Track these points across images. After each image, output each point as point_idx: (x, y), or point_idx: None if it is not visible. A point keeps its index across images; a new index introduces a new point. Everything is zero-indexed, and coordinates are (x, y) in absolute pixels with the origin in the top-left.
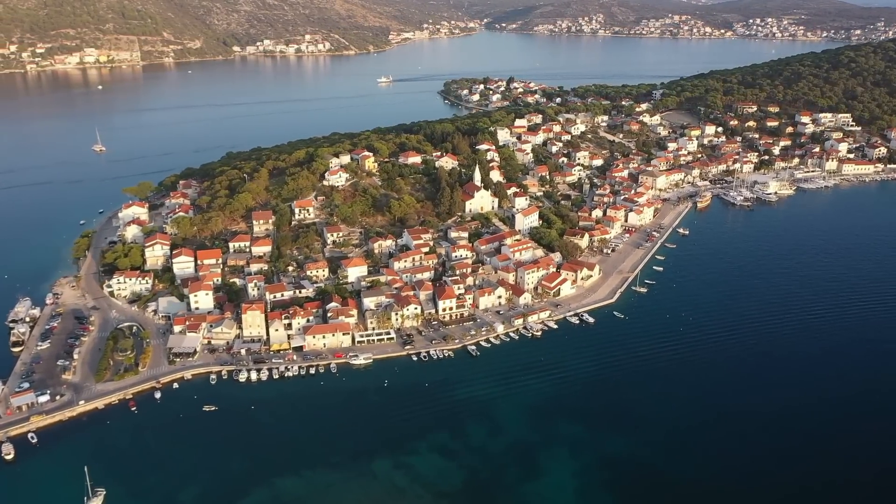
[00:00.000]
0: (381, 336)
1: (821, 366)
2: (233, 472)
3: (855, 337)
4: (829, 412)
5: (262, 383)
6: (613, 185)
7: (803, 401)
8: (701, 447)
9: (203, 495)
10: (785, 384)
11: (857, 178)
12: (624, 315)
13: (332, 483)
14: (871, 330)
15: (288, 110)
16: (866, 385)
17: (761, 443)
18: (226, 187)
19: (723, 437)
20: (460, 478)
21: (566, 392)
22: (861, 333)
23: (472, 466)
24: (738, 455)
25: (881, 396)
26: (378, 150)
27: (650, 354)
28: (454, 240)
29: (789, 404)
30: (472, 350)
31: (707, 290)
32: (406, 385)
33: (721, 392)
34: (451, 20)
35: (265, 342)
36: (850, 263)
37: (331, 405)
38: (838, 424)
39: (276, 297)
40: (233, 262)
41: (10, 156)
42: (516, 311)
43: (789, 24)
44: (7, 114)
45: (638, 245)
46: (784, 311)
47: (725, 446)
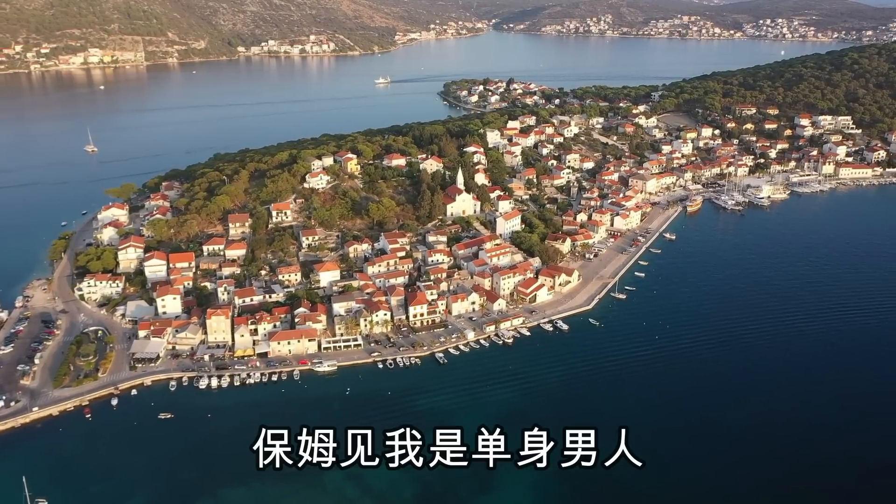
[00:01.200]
0: (348, 342)
1: (793, 373)
2: (181, 482)
3: (835, 345)
4: (802, 419)
5: (223, 390)
6: (602, 189)
7: (773, 408)
8: (667, 456)
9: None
10: (756, 392)
11: (854, 182)
12: (599, 322)
13: (280, 495)
14: (847, 339)
15: (284, 111)
16: (841, 397)
17: (729, 451)
18: (205, 189)
19: (690, 446)
20: (412, 491)
21: (531, 401)
22: (840, 342)
23: (426, 479)
24: (707, 464)
25: (859, 405)
26: (362, 153)
27: (622, 363)
28: (432, 244)
29: (759, 412)
30: (440, 357)
31: (688, 297)
32: (368, 393)
33: (690, 400)
34: (459, 21)
35: (230, 348)
36: (835, 271)
37: (289, 414)
38: (812, 432)
39: (245, 301)
40: (205, 265)
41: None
42: (489, 318)
43: (800, 25)
44: (4, 114)
45: (622, 250)
46: (763, 318)
47: (693, 455)
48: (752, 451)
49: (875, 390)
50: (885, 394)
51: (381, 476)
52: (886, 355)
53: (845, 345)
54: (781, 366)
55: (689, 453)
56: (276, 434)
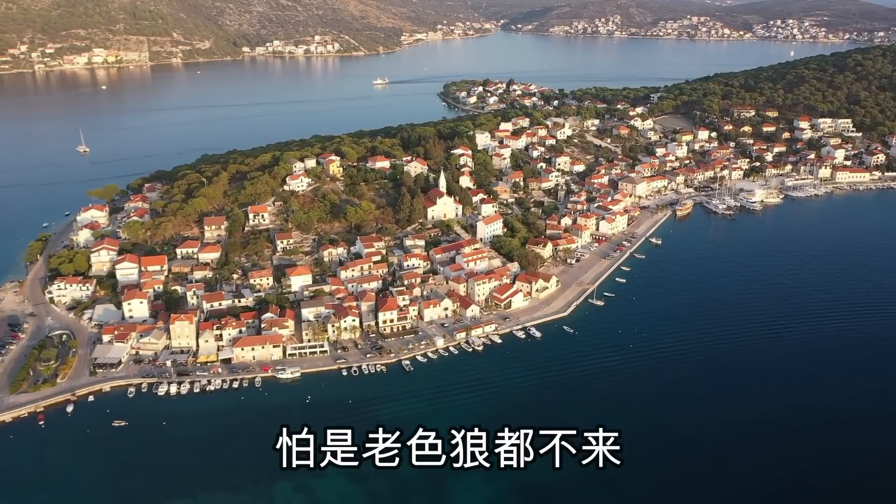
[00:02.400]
0: (314, 349)
1: (764, 381)
2: (126, 492)
3: (813, 353)
4: (771, 428)
5: (182, 397)
6: (591, 192)
7: (742, 416)
8: (626, 469)
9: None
10: (723, 400)
11: (851, 187)
12: (573, 329)
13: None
14: (824, 345)
15: (280, 112)
16: (813, 410)
17: (693, 462)
18: (183, 191)
19: (653, 458)
20: (356, 496)
21: (493, 411)
22: (819, 350)
23: (377, 492)
24: (670, 477)
25: (831, 416)
26: (345, 155)
27: (592, 371)
28: (409, 248)
29: (727, 420)
30: (406, 365)
31: (667, 305)
32: (329, 401)
33: (657, 410)
34: (467, 21)
35: (194, 354)
36: (817, 278)
37: (246, 422)
38: (779, 440)
39: (214, 306)
40: (177, 269)
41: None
42: (461, 325)
43: (810, 26)
44: (2, 114)
45: (606, 255)
46: (740, 325)
47: (655, 464)
48: (717, 459)
49: (848, 398)
50: (856, 400)
51: (332, 488)
52: (862, 363)
53: (821, 352)
54: (753, 372)
55: (652, 464)
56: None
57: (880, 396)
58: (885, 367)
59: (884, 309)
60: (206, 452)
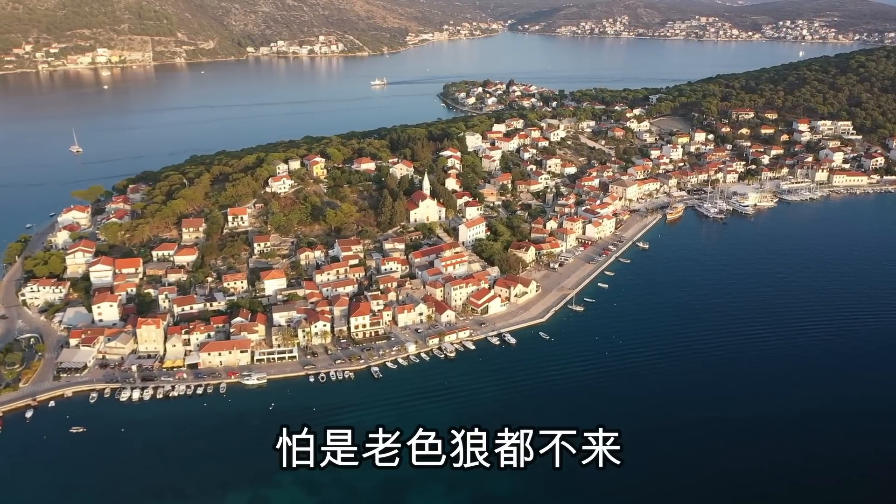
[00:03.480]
0: (282, 354)
1: (739, 387)
2: (77, 502)
3: (791, 359)
4: (740, 437)
5: (144, 403)
6: (580, 195)
7: (714, 428)
8: (585, 483)
9: None
10: (690, 410)
11: (848, 191)
12: (550, 336)
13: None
14: (808, 356)
15: (276, 113)
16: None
17: (660, 474)
18: (165, 193)
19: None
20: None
21: (459, 421)
22: (795, 357)
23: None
24: (632, 491)
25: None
26: (331, 156)
27: (564, 379)
28: (387, 252)
29: (693, 430)
30: (376, 372)
31: (648, 311)
32: (293, 408)
33: (625, 422)
34: (474, 21)
35: (161, 358)
36: (805, 285)
37: (206, 429)
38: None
39: (185, 309)
40: (152, 271)
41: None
42: (436, 330)
43: (820, 27)
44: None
45: (590, 259)
46: (719, 332)
47: (617, 477)
48: (685, 468)
49: (821, 404)
50: (830, 407)
51: (288, 498)
52: (838, 369)
53: (798, 359)
54: (726, 381)
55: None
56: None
57: (857, 401)
58: (861, 373)
59: (863, 319)
60: (161, 461)
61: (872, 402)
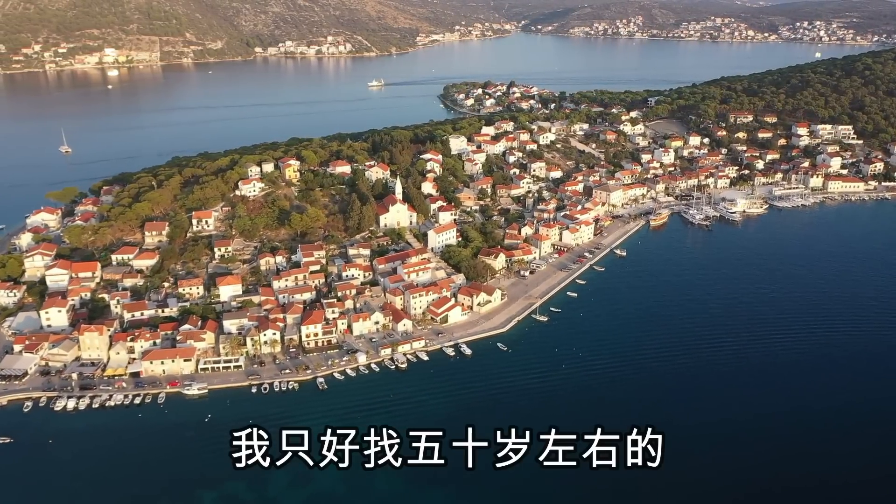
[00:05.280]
0: (228, 363)
1: (697, 404)
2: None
3: (755, 371)
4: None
5: (79, 413)
6: (562, 200)
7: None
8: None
9: None
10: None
11: (843, 197)
12: (507, 347)
13: None
14: (776, 374)
15: (273, 114)
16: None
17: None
18: (132, 195)
19: (552, 485)
20: None
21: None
22: (758, 370)
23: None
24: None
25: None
26: (305, 158)
27: (513, 393)
28: (351, 257)
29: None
30: (321, 383)
31: (614, 322)
32: (228, 421)
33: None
34: (486, 22)
35: (104, 366)
36: (781, 296)
37: (137, 441)
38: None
39: (135, 315)
40: (109, 276)
41: None
42: (390, 340)
43: (838, 28)
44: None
45: (564, 267)
46: (684, 344)
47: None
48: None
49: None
50: (779, 420)
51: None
52: (794, 385)
53: (762, 373)
54: (684, 395)
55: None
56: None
57: (819, 412)
58: (827, 384)
59: (828, 335)
60: (87, 474)
61: (838, 414)
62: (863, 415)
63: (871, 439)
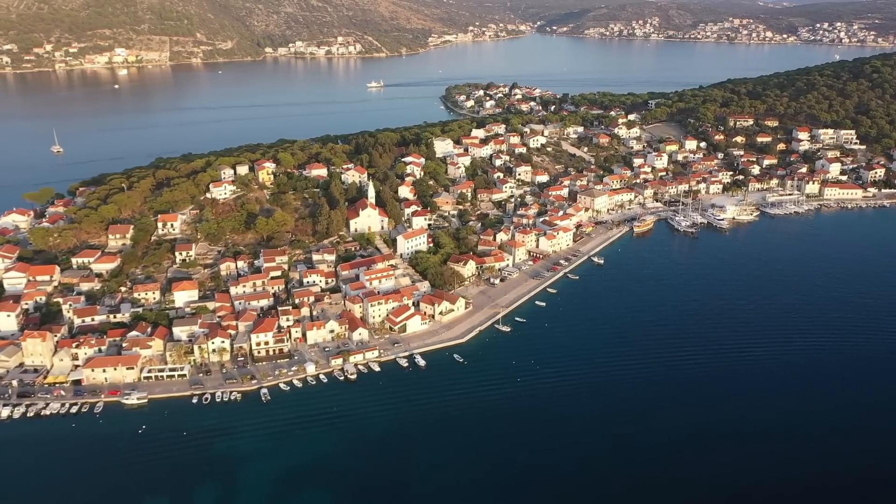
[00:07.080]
0: (173, 372)
1: (649, 419)
2: None
3: (716, 380)
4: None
5: (13, 422)
6: (545, 205)
7: (602, 464)
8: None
9: None
10: (599, 448)
11: (839, 204)
12: (464, 359)
13: None
14: (745, 385)
15: (269, 115)
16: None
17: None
18: (101, 198)
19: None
20: None
21: (341, 451)
22: (720, 379)
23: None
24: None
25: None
26: (282, 161)
27: (462, 407)
28: (315, 263)
29: (583, 468)
30: (265, 394)
31: (577, 334)
32: (163, 432)
33: (510, 456)
34: (501, 23)
35: (46, 373)
36: (756, 310)
37: (67, 453)
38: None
39: (85, 321)
40: (67, 279)
41: None
42: (343, 349)
43: (859, 29)
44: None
45: (537, 275)
46: (644, 359)
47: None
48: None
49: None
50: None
51: None
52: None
53: (725, 382)
54: (635, 410)
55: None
56: None
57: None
58: (786, 393)
59: (790, 346)
60: (9, 488)
61: (795, 428)
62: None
63: (839, 444)
